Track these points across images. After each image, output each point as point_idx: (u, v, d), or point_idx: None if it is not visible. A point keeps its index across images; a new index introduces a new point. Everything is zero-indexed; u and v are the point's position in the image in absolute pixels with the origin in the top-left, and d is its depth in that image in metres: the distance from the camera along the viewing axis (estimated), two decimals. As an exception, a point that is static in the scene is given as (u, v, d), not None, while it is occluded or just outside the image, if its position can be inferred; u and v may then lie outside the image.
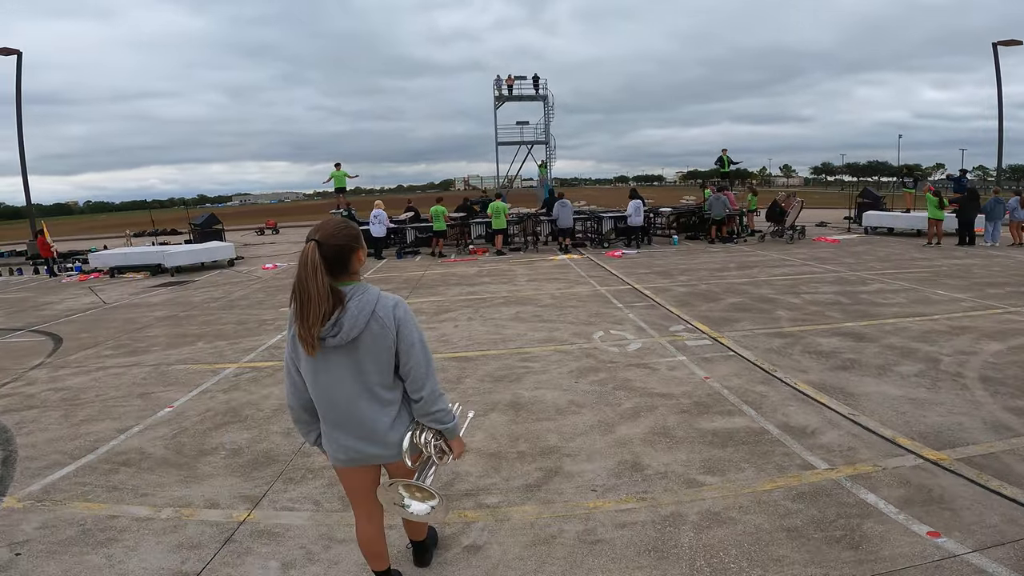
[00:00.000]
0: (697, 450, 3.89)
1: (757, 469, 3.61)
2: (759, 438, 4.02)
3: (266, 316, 8.63)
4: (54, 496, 3.65)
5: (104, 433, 4.67)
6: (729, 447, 3.92)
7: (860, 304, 7.67)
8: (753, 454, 3.80)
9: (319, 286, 1.97)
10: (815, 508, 3.13)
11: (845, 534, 2.88)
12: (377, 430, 2.18)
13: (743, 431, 4.14)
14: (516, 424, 4.39)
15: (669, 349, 6.00)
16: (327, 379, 2.13)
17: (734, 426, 4.23)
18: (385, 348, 2.11)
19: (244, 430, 4.55)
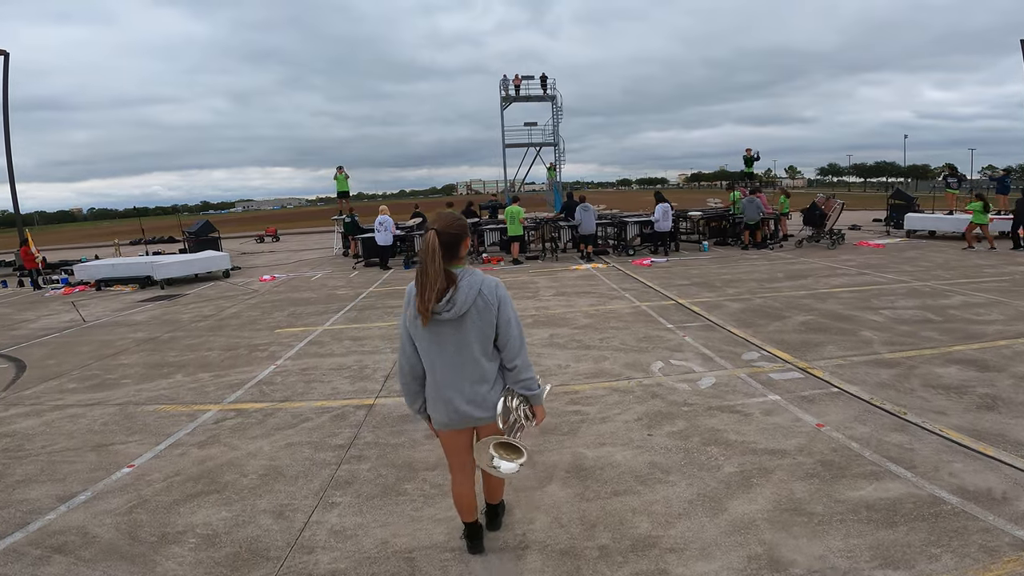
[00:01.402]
0: (855, 532, 2.80)
1: (957, 556, 2.59)
2: (935, 510, 2.95)
3: (259, 340, 7.50)
4: None
5: (42, 501, 3.60)
6: (900, 526, 2.83)
7: (953, 322, 6.53)
8: (938, 533, 2.76)
9: (436, 267, 2.35)
10: None
11: None
12: (479, 394, 2.50)
13: (907, 501, 3.04)
14: (586, 501, 3.26)
15: (753, 385, 4.85)
16: (439, 349, 2.46)
17: (891, 494, 3.12)
18: (488, 322, 2.46)
19: (222, 505, 3.43)
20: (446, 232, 2.42)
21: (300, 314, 9.10)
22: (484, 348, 2.49)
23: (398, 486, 3.53)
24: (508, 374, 2.55)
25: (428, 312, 2.36)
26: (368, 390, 5.24)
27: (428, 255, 2.36)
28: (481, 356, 2.49)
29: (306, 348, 6.88)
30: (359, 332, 7.53)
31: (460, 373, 2.48)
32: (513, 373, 2.53)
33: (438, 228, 2.41)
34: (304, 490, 3.55)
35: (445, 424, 2.56)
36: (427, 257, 2.36)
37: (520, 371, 2.52)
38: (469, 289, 2.41)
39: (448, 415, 2.52)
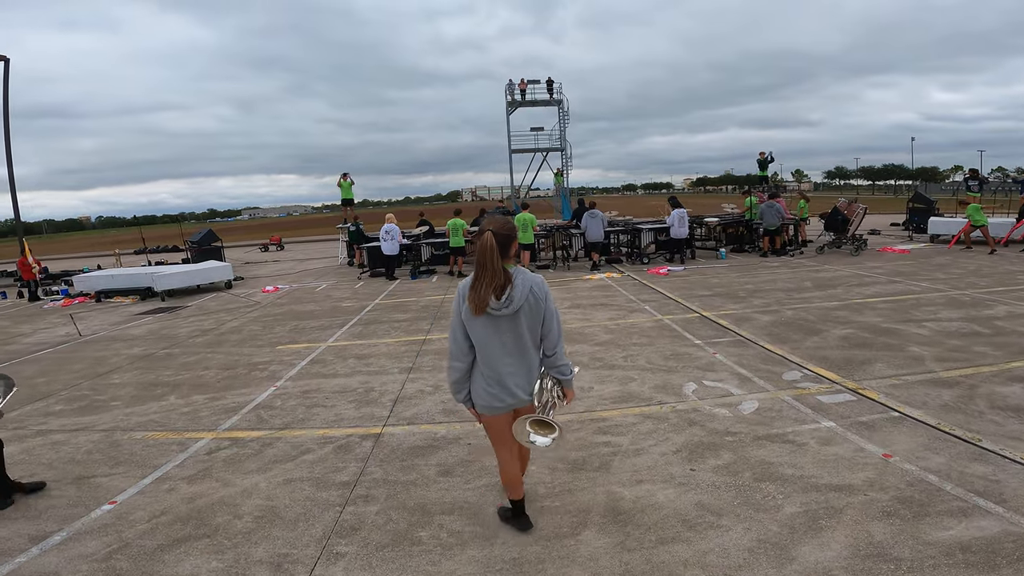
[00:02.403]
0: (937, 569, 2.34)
1: None
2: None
3: (259, 357, 7.07)
4: None
5: (12, 541, 3.23)
6: (1004, 568, 2.45)
7: (1004, 335, 6.04)
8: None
9: (496, 263, 2.63)
10: None
11: None
12: (529, 380, 2.81)
13: (1006, 540, 2.63)
14: (628, 552, 2.81)
15: (802, 410, 4.38)
16: (498, 340, 2.72)
17: (986, 533, 2.70)
18: (538, 316, 2.75)
19: (212, 553, 3.00)
20: (501, 233, 2.66)
21: (303, 329, 8.68)
22: (534, 339, 2.77)
23: (411, 533, 3.08)
24: (546, 360, 2.83)
25: (483, 306, 2.59)
26: (375, 416, 4.80)
27: (487, 254, 2.60)
28: (531, 346, 2.77)
29: (308, 367, 6.46)
30: (364, 350, 7.10)
31: (516, 362, 2.74)
32: (551, 359, 2.80)
33: (493, 229, 2.65)
34: (305, 537, 3.11)
35: (496, 409, 2.77)
36: (484, 257, 2.61)
37: (558, 357, 2.79)
38: (523, 286, 2.65)
39: (502, 400, 2.75)
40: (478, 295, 2.60)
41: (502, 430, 2.85)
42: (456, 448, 4.07)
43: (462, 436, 4.26)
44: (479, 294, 2.60)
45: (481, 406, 2.80)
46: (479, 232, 2.71)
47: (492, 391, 2.74)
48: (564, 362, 2.81)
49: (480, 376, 2.77)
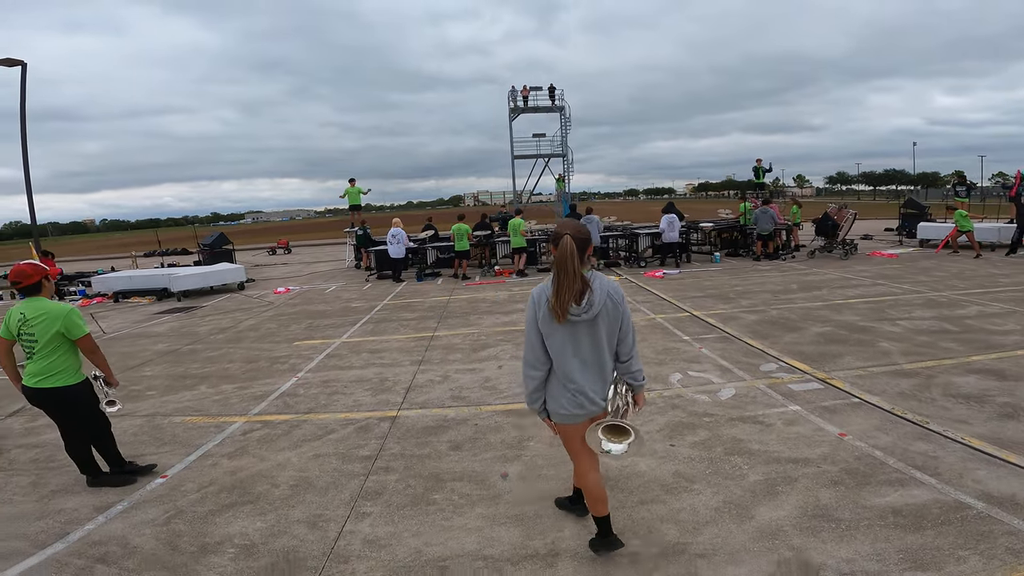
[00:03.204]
0: (883, 537, 2.86)
1: (984, 557, 2.65)
2: (961, 515, 3.01)
3: (279, 352, 7.60)
4: None
5: (79, 511, 3.68)
6: (927, 530, 2.89)
7: (971, 332, 6.54)
8: (966, 537, 2.82)
9: (575, 267, 2.52)
10: None
11: None
12: (605, 387, 2.71)
13: (933, 507, 3.09)
14: (614, 510, 3.29)
15: (773, 396, 4.89)
16: (576, 347, 2.63)
17: (917, 500, 3.18)
18: (615, 321, 2.66)
19: (257, 515, 3.50)
20: (578, 236, 2.57)
21: (317, 326, 9.20)
22: (610, 344, 2.70)
23: (427, 496, 3.59)
24: (620, 366, 2.76)
25: (565, 312, 2.52)
26: (390, 402, 5.31)
27: (566, 258, 2.52)
28: (607, 352, 2.69)
29: (325, 361, 6.98)
30: (377, 345, 7.62)
31: (594, 368, 2.67)
32: (626, 365, 2.75)
33: (571, 233, 2.56)
34: (335, 501, 3.61)
35: (574, 417, 2.70)
36: (565, 261, 2.52)
37: (632, 363, 2.76)
38: (601, 291, 2.59)
39: (580, 408, 2.67)
40: (560, 301, 2.52)
41: (580, 438, 2.78)
42: (464, 428, 4.58)
43: (469, 418, 4.77)
44: (561, 300, 2.52)
45: (559, 415, 2.72)
46: (554, 236, 2.62)
47: (571, 400, 2.66)
48: (639, 367, 2.79)
49: (558, 384, 2.69)
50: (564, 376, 2.67)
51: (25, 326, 3.69)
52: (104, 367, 4.01)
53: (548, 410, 2.76)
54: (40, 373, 3.71)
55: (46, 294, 3.83)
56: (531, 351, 2.71)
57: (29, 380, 3.75)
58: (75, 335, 3.74)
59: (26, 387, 3.78)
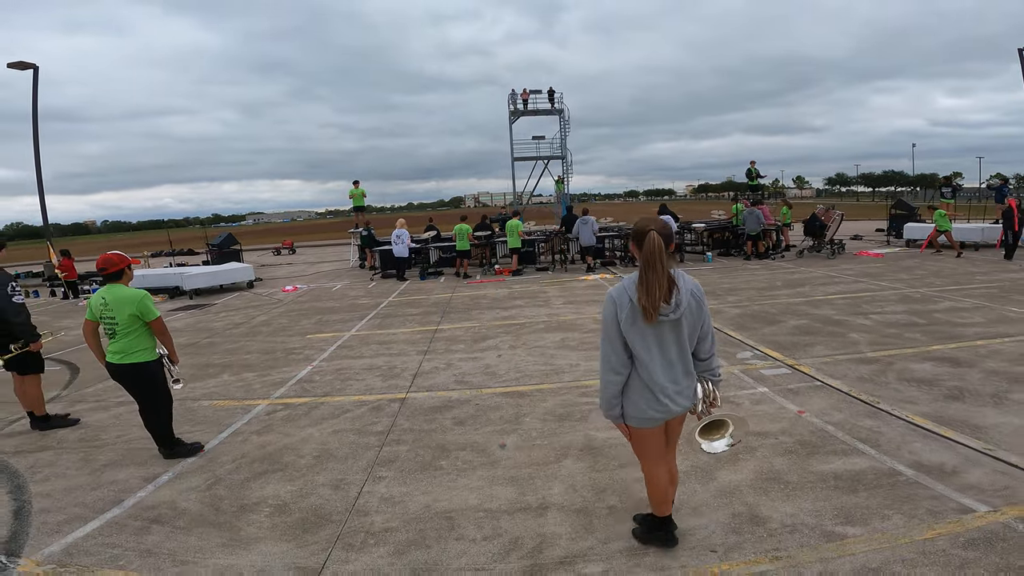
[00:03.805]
0: (823, 497, 3.35)
1: (906, 516, 3.11)
2: (893, 480, 3.49)
3: (292, 344, 8.13)
4: (79, 560, 3.15)
5: (130, 482, 4.16)
6: (861, 492, 3.38)
7: (937, 324, 7.05)
8: (893, 499, 3.29)
9: (665, 264, 2.47)
10: (996, 556, 2.68)
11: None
12: (689, 387, 2.69)
13: (870, 473, 3.59)
14: (597, 472, 3.83)
15: (745, 380, 5.41)
16: (660, 347, 2.58)
17: (857, 467, 3.67)
18: (698, 318, 2.63)
19: (286, 481, 4.01)
20: (663, 232, 2.51)
21: (327, 321, 9.73)
22: (692, 343, 2.66)
23: (434, 462, 4.11)
24: (700, 363, 2.73)
25: (655, 311, 2.46)
26: (399, 386, 5.84)
27: (655, 256, 2.45)
28: (689, 351, 2.67)
29: (337, 351, 7.50)
30: (385, 337, 8.15)
31: (678, 368, 2.63)
32: (706, 362, 2.74)
33: (656, 229, 2.49)
34: (354, 467, 4.13)
35: (653, 420, 2.66)
36: (653, 258, 2.45)
37: (712, 360, 2.75)
38: (686, 288, 2.56)
39: (660, 410, 2.63)
40: (651, 300, 2.45)
41: (658, 442, 2.78)
42: (467, 407, 5.10)
43: (471, 399, 5.30)
44: (651, 299, 2.45)
45: (638, 419, 2.67)
46: (638, 232, 2.54)
47: (653, 402, 2.61)
48: (718, 364, 2.78)
49: (640, 387, 2.63)
50: (647, 378, 2.59)
51: (106, 309, 4.23)
52: (170, 347, 4.50)
53: (625, 414, 2.69)
54: (121, 351, 4.25)
55: (125, 281, 4.37)
56: (613, 354, 2.61)
57: (112, 357, 4.28)
58: (148, 317, 4.28)
59: (110, 363, 4.31)
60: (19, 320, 5.09)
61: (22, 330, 5.14)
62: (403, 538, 3.22)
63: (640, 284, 2.49)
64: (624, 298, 2.55)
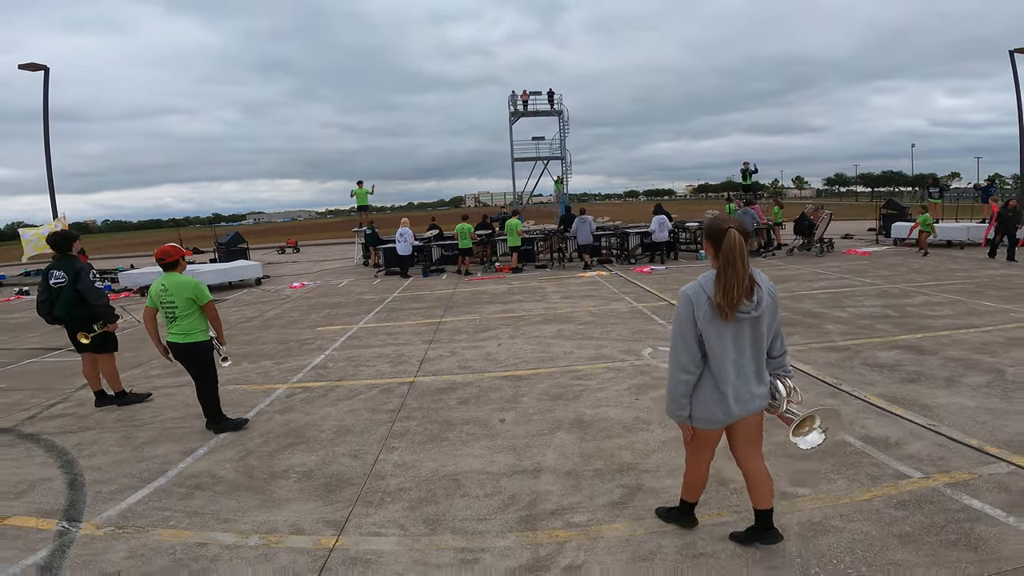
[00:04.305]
0: (781, 463, 3.82)
1: (848, 480, 3.57)
2: (842, 450, 3.97)
3: (305, 336, 8.64)
4: (134, 522, 3.58)
5: (170, 456, 4.63)
6: (813, 460, 3.85)
7: (909, 317, 7.55)
8: (840, 465, 3.76)
9: (746, 262, 2.46)
10: (922, 515, 3.11)
11: (960, 537, 2.88)
12: (763, 387, 2.68)
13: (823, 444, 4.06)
14: (586, 442, 4.33)
15: (725, 364, 5.92)
16: (737, 347, 2.56)
17: None
18: (774, 316, 2.63)
19: (310, 452, 4.51)
20: (742, 230, 2.51)
21: (335, 315, 10.24)
22: (768, 341, 2.64)
23: (441, 435, 4.61)
24: (772, 361, 2.71)
25: (734, 310, 2.45)
26: (407, 371, 6.34)
27: (735, 254, 2.44)
28: (766, 350, 2.65)
29: (348, 342, 8.01)
30: (391, 329, 8.66)
31: (752, 368, 2.62)
32: (780, 359, 2.73)
33: (735, 226, 2.49)
34: (370, 440, 4.63)
35: (720, 422, 2.65)
36: (733, 256, 2.44)
37: (784, 357, 2.75)
38: (765, 286, 2.56)
39: (728, 412, 2.61)
40: (730, 298, 2.43)
41: (711, 443, 2.81)
42: (470, 388, 5.61)
43: (474, 382, 5.80)
44: (731, 297, 2.43)
45: (706, 420, 2.65)
46: (715, 230, 2.52)
47: (723, 403, 2.60)
48: (788, 360, 2.78)
49: (710, 387, 2.60)
50: (720, 378, 2.57)
51: (166, 295, 4.75)
52: (219, 329, 5.00)
53: (692, 415, 2.67)
54: (181, 332, 4.79)
55: (180, 270, 4.89)
56: (686, 353, 2.58)
57: (172, 337, 4.82)
58: (201, 300, 4.80)
59: (171, 343, 4.85)
60: (101, 303, 5.73)
61: (103, 312, 5.77)
62: (415, 496, 3.72)
63: (718, 282, 2.48)
64: (702, 296, 2.53)
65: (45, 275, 5.78)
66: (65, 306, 5.68)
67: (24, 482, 4.23)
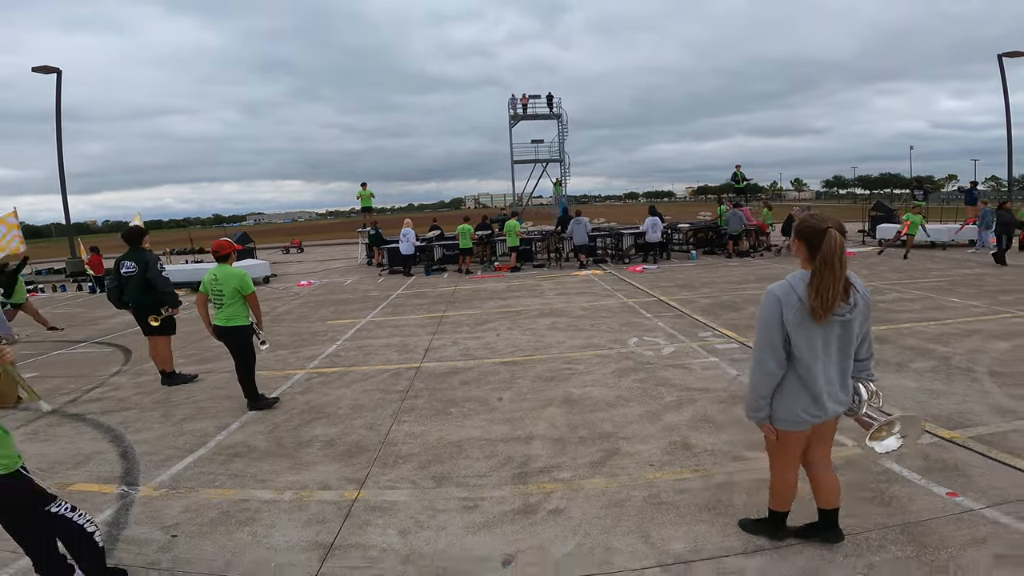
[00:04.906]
0: (739, 433, 4.42)
1: None
2: None
3: (316, 328, 9.26)
4: (184, 484, 4.15)
5: (207, 430, 5.22)
6: None
7: (878, 311, 8.16)
8: None
9: (843, 264, 2.44)
10: (848, 474, 3.65)
11: (876, 495, 3.42)
12: (846, 388, 2.66)
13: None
14: (572, 415, 4.94)
15: (701, 352, 6.54)
16: (826, 349, 2.54)
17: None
18: (866, 319, 2.62)
19: (330, 425, 5.12)
20: (842, 230, 2.48)
21: (344, 310, 10.86)
22: (856, 344, 2.62)
23: (445, 410, 5.23)
24: (858, 364, 2.68)
25: (829, 312, 2.42)
26: (413, 358, 6.97)
27: (834, 256, 2.40)
28: (853, 353, 2.63)
29: (357, 333, 8.63)
30: (397, 322, 9.28)
31: (840, 371, 2.60)
32: (864, 363, 2.69)
33: (835, 227, 2.45)
34: (382, 415, 5.24)
35: (804, 424, 2.63)
36: (833, 257, 2.40)
37: (870, 360, 2.72)
38: (858, 286, 2.54)
39: (814, 414, 2.60)
40: (825, 300, 2.39)
41: (797, 446, 2.75)
42: (471, 372, 6.24)
43: (474, 367, 6.43)
44: (826, 299, 2.39)
45: (789, 422, 2.63)
46: (812, 230, 2.47)
47: (810, 405, 2.58)
48: (872, 363, 2.75)
49: (796, 389, 2.58)
50: (808, 379, 2.55)
51: (216, 283, 5.40)
52: (258, 316, 5.62)
53: (774, 417, 2.66)
54: (225, 317, 5.44)
55: (230, 263, 5.54)
56: (772, 353, 2.55)
57: (218, 321, 5.47)
58: (245, 291, 5.42)
59: (216, 326, 5.49)
60: (168, 290, 6.57)
61: (169, 298, 6.58)
62: (424, 459, 4.33)
63: (811, 283, 2.44)
64: (792, 297, 2.50)
65: (117, 265, 6.55)
66: (134, 293, 6.47)
67: (80, 455, 4.81)
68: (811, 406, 2.59)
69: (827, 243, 2.40)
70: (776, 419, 2.66)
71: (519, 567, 3.02)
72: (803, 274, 2.53)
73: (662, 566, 2.94)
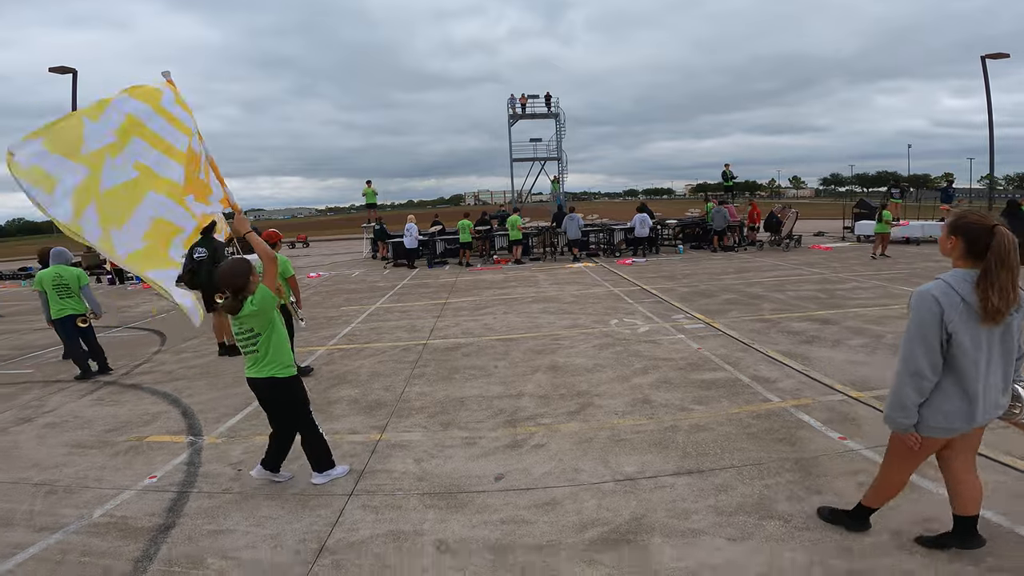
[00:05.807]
0: (690, 392, 5.41)
1: (731, 401, 5.14)
2: (735, 384, 5.54)
3: (331, 313, 10.25)
4: (240, 433, 5.13)
5: (249, 394, 6.06)
6: (712, 390, 5.45)
7: (834, 298, 9.15)
8: (729, 393, 5.33)
9: (1019, 262, 2.32)
10: (767, 423, 4.64)
11: (785, 437, 4.37)
12: (1008, 392, 2.56)
13: (723, 380, 5.66)
14: (556, 378, 5.94)
15: (671, 331, 7.53)
16: (988, 353, 2.43)
17: (717, 377, 5.75)
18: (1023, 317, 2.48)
19: (353, 388, 6.11)
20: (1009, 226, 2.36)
21: (354, 299, 11.86)
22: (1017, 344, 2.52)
23: (450, 376, 6.23)
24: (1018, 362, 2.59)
25: (1004, 314, 2.34)
26: (421, 337, 7.96)
27: (1010, 254, 2.29)
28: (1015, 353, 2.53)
29: (368, 318, 9.63)
30: (405, 308, 10.28)
31: (1004, 374, 2.50)
32: (1018, 362, 2.57)
33: (1001, 223, 2.35)
34: (396, 379, 6.23)
35: (955, 431, 2.53)
36: (1009, 256, 2.30)
37: (1022, 360, 2.59)
38: None
39: (970, 420, 2.50)
40: (999, 301, 2.29)
41: (934, 451, 2.68)
42: (471, 347, 7.24)
43: (474, 343, 7.43)
44: (1005, 299, 2.30)
45: (939, 429, 2.52)
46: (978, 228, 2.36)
47: (966, 411, 2.47)
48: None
49: (953, 394, 2.47)
50: (968, 385, 2.44)
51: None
52: (298, 296, 6.55)
53: (922, 423, 2.53)
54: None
55: (277, 250, 6.48)
56: (928, 357, 2.43)
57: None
58: (287, 274, 6.37)
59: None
60: None
61: None
62: (433, 411, 5.32)
63: (990, 284, 2.31)
64: (954, 298, 2.37)
65: (190, 251, 7.44)
66: (204, 275, 7.43)
67: (147, 414, 5.77)
68: (967, 412, 2.47)
69: (1001, 242, 2.30)
70: (924, 426, 2.53)
71: (508, 480, 4.01)
72: (964, 273, 2.41)
73: (615, 480, 3.92)
